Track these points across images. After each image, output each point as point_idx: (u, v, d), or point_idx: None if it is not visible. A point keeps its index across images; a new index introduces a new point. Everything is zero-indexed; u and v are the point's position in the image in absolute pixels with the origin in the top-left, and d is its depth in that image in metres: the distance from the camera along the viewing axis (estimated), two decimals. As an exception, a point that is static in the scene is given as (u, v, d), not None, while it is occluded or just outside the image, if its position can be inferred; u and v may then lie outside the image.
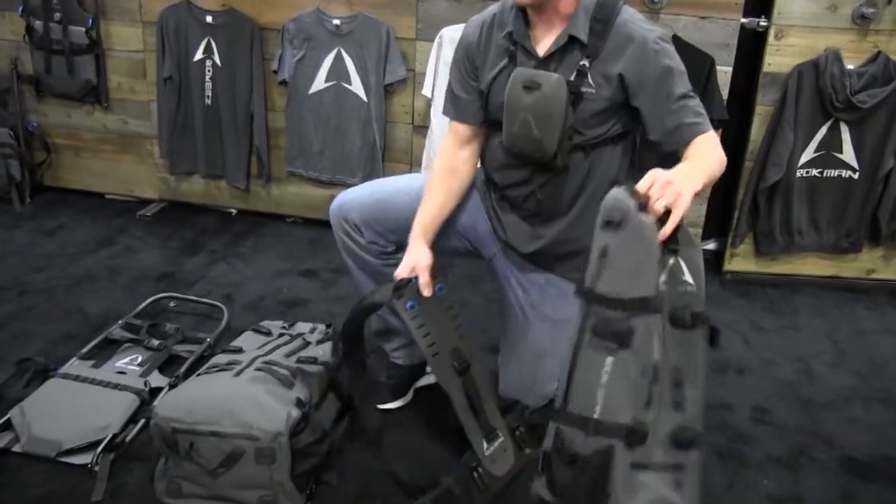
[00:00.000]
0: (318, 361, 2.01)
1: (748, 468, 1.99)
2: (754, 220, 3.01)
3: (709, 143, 1.73)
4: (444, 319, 1.80)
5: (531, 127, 1.77)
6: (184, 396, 1.81)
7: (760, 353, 2.59)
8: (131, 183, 3.60)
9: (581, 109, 1.77)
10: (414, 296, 1.76)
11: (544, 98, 1.74)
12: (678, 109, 1.74)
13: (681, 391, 1.40)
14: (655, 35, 1.75)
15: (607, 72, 1.75)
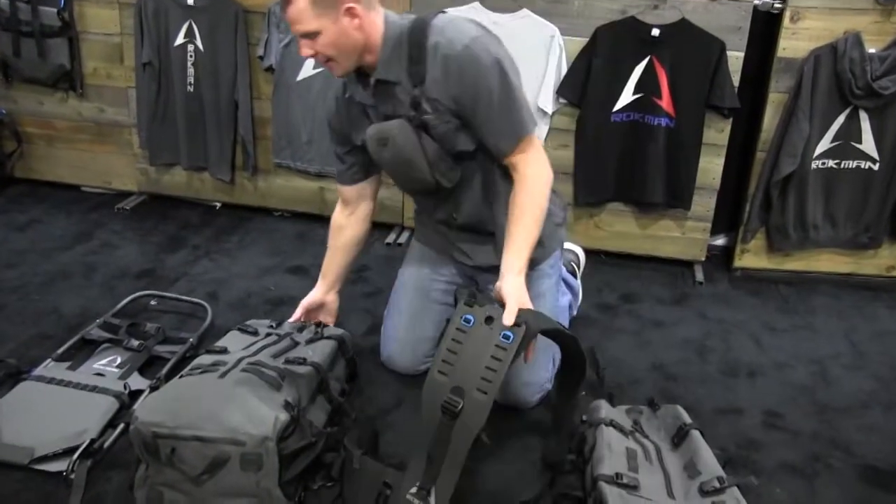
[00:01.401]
0: (307, 362, 2.00)
1: (760, 476, 1.98)
2: (766, 214, 3.01)
3: (528, 183, 1.91)
4: (480, 357, 1.68)
5: (405, 173, 1.99)
6: (165, 399, 1.79)
7: (773, 354, 2.60)
8: (109, 174, 3.59)
9: (435, 134, 1.92)
10: (475, 314, 1.72)
11: (397, 149, 1.93)
12: (493, 122, 1.89)
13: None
14: (461, 46, 1.83)
15: (432, 96, 1.88)
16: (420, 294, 2.27)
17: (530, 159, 1.92)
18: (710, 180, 3.01)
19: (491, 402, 1.64)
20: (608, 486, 1.67)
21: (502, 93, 1.85)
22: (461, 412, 1.64)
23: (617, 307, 2.87)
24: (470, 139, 1.94)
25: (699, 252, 3.15)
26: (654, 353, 2.56)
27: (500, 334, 1.66)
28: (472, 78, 1.83)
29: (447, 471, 1.67)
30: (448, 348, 1.69)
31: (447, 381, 1.67)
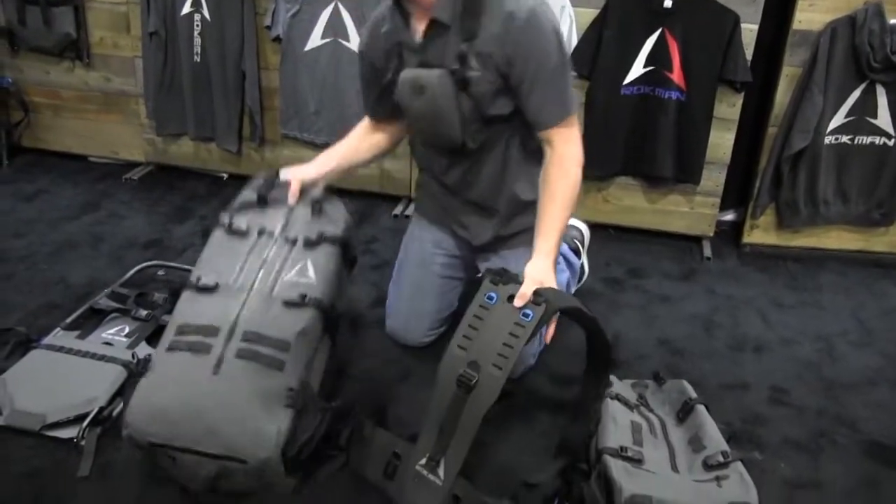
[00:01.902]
0: (307, 300, 1.79)
1: (764, 451, 2.01)
2: (777, 189, 3.01)
3: (561, 165, 1.92)
4: (499, 333, 1.70)
5: (432, 125, 1.95)
6: (157, 404, 1.67)
7: (780, 331, 2.61)
8: (116, 144, 3.60)
9: (474, 93, 1.89)
10: (499, 292, 1.75)
11: (432, 99, 1.90)
12: (542, 90, 1.87)
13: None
14: (527, 7, 1.81)
15: (484, 52, 1.85)
16: (421, 268, 2.28)
17: (568, 137, 1.92)
18: (720, 155, 3.01)
19: (504, 378, 1.66)
20: (613, 459, 1.69)
21: (559, 64, 1.86)
22: (475, 386, 1.67)
23: (624, 282, 2.88)
24: (508, 103, 1.92)
25: (708, 227, 3.15)
26: (660, 328, 2.58)
27: (521, 313, 1.69)
28: (533, 41, 1.82)
29: (457, 443, 1.70)
30: (469, 324, 1.73)
31: (465, 356, 1.71)
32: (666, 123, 2.93)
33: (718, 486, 1.65)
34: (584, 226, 2.76)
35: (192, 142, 3.47)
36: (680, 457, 1.80)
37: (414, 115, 1.99)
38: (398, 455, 1.79)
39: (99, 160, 3.66)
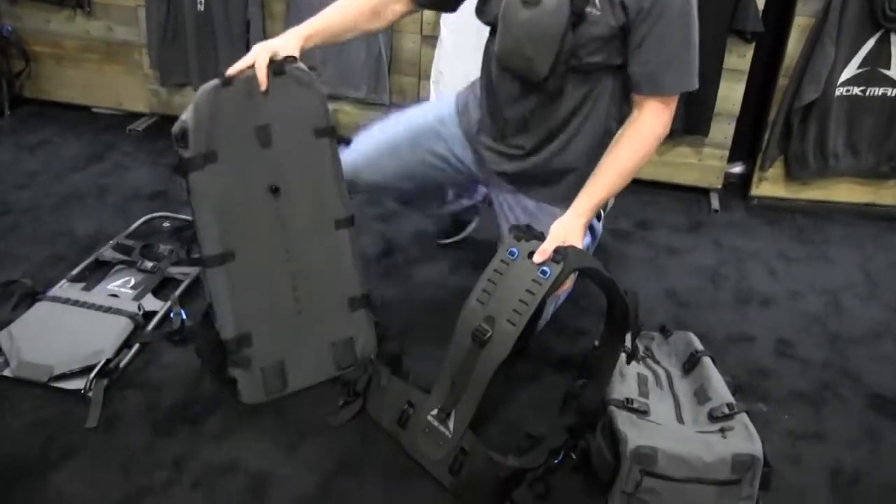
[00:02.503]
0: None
1: (769, 403, 2.01)
2: (786, 142, 2.97)
3: (640, 137, 1.82)
4: (516, 289, 1.68)
5: (524, 45, 1.78)
6: None
7: (786, 283, 2.60)
8: (119, 95, 3.57)
9: (581, 33, 1.74)
10: (521, 246, 1.72)
11: (542, 16, 1.72)
12: (664, 51, 1.74)
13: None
14: None
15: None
16: (412, 137, 2.13)
17: (662, 111, 1.81)
18: (729, 107, 2.97)
19: (517, 334, 1.65)
20: (618, 411, 1.70)
21: (689, 29, 1.75)
22: (488, 340, 1.68)
23: (631, 234, 2.87)
24: (612, 55, 1.78)
25: (716, 179, 3.13)
26: (667, 281, 2.57)
27: (539, 269, 1.67)
28: (664, 5, 1.70)
29: (468, 397, 1.71)
30: (489, 278, 1.72)
31: (482, 310, 1.71)
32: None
33: (723, 437, 1.66)
34: None
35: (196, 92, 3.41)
36: (685, 408, 1.81)
37: (510, 26, 1.78)
38: (412, 404, 1.81)
39: (102, 111, 3.63)
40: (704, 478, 1.60)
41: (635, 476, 1.61)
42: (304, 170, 1.93)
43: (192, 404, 1.91)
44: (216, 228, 1.84)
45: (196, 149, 1.80)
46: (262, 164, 1.87)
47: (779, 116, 2.93)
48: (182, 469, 1.73)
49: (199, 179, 1.81)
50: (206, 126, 1.79)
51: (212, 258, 1.85)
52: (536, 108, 1.90)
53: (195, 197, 1.83)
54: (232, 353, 1.88)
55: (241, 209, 1.87)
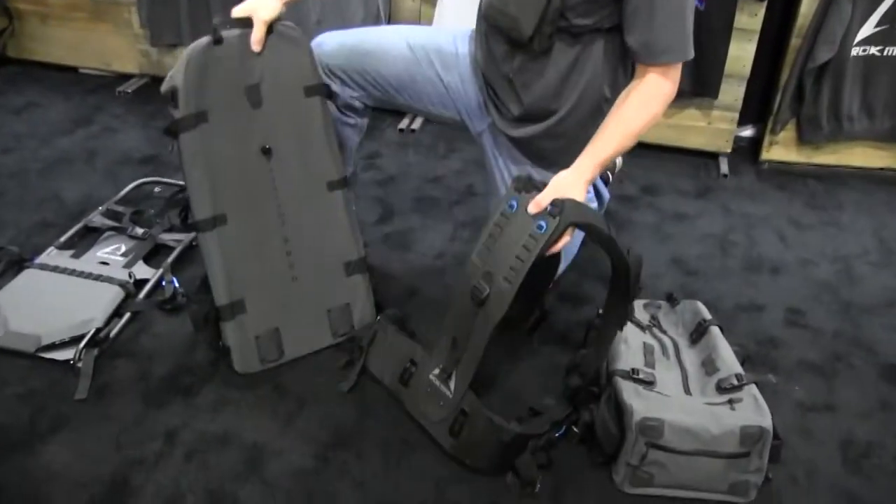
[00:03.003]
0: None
1: (778, 374, 2.00)
2: (798, 104, 2.94)
3: (645, 97, 1.76)
4: (512, 245, 1.65)
5: (508, 3, 1.78)
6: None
7: (798, 251, 2.58)
8: (108, 55, 3.52)
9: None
10: (520, 198, 1.68)
11: None
12: (655, 23, 1.70)
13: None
14: None
15: None
16: (432, 49, 2.05)
17: (667, 73, 1.76)
18: (739, 68, 2.93)
19: (514, 292, 1.62)
20: (624, 381, 1.69)
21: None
22: (486, 299, 1.66)
23: (637, 199, 2.84)
24: (602, 18, 1.75)
25: (725, 143, 3.10)
26: (674, 248, 2.55)
27: (535, 224, 1.63)
28: None
29: (468, 356, 1.70)
30: (490, 233, 1.70)
31: (481, 267, 1.69)
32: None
33: (732, 408, 1.65)
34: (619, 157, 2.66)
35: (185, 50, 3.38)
36: (692, 379, 1.79)
37: None
38: (415, 363, 1.80)
39: (90, 72, 3.58)
40: (712, 450, 1.59)
41: (641, 448, 1.60)
42: (296, 130, 1.91)
43: (185, 374, 1.90)
44: (207, 191, 1.82)
45: (186, 108, 1.77)
46: (253, 125, 1.85)
47: (791, 78, 2.89)
48: (175, 441, 1.72)
49: (189, 140, 1.79)
50: (196, 85, 1.77)
51: (204, 222, 1.83)
52: (522, 69, 1.88)
53: (186, 159, 1.80)
54: (225, 320, 1.87)
55: (232, 171, 1.85)
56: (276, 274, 1.93)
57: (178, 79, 1.77)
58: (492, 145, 2.09)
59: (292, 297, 1.94)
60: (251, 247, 1.89)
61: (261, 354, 1.91)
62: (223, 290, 1.86)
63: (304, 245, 1.95)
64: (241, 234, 1.87)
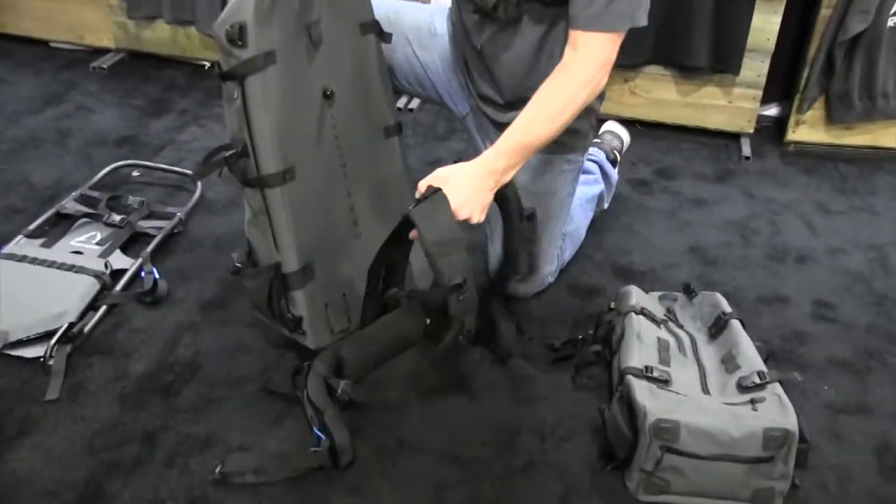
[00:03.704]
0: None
1: (805, 372, 1.99)
2: (828, 80, 2.93)
3: (571, 75, 1.74)
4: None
5: None
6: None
7: (826, 239, 2.58)
8: (81, 28, 3.51)
9: None
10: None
11: None
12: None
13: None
14: None
15: None
16: (408, 27, 2.09)
17: (595, 51, 1.74)
18: (763, 41, 2.91)
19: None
20: (636, 380, 1.68)
21: None
22: None
23: (652, 183, 2.84)
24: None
25: (747, 123, 3.09)
26: (692, 235, 2.55)
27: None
28: None
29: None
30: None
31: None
32: (702, 4, 2.83)
33: (753, 409, 1.65)
34: (625, 132, 2.67)
35: (168, 25, 3.38)
36: (711, 377, 1.79)
37: None
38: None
39: (62, 46, 3.58)
40: (732, 455, 1.58)
41: (655, 452, 1.59)
42: (354, 71, 1.88)
43: (165, 372, 1.90)
44: (277, 142, 1.75)
45: (257, 47, 1.69)
46: (314, 66, 1.81)
47: (820, 51, 2.88)
48: (154, 445, 1.72)
49: (258, 84, 1.71)
50: (265, 21, 1.69)
51: (272, 177, 1.76)
52: (491, 41, 1.90)
53: (253, 106, 1.72)
54: (295, 289, 1.83)
55: (298, 119, 1.80)
56: (342, 233, 1.89)
57: (247, 13, 1.67)
58: (477, 128, 2.12)
59: (356, 258, 1.90)
60: (318, 203, 1.84)
61: (330, 325, 1.88)
62: (293, 254, 1.81)
63: (367, 199, 1.92)
64: (308, 190, 1.82)
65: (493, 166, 1.69)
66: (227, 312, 2.09)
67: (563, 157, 2.04)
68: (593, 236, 2.39)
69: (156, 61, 3.48)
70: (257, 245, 1.86)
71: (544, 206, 2.02)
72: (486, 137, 2.07)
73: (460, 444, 1.76)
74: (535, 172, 2.01)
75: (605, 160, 2.46)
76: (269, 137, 1.74)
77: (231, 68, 1.70)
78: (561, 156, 2.03)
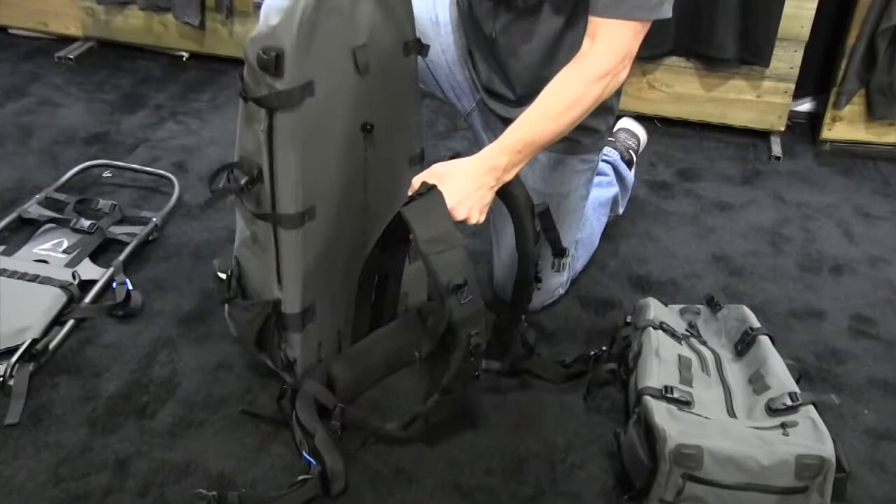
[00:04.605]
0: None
1: (843, 394, 2.00)
2: (868, 72, 2.94)
3: (586, 67, 1.73)
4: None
5: None
6: None
7: (866, 247, 2.59)
8: (45, 14, 3.53)
9: None
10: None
11: None
12: None
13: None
14: None
15: None
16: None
17: (617, 41, 1.73)
18: (797, 29, 2.93)
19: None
20: (655, 402, 1.69)
21: None
22: None
23: (673, 186, 2.85)
24: None
25: (778, 120, 3.10)
26: (716, 243, 2.56)
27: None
28: None
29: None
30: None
31: None
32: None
33: (785, 434, 1.65)
34: (642, 130, 2.69)
35: (142, 12, 3.40)
36: (738, 399, 1.80)
37: None
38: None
39: (24, 33, 3.60)
40: (762, 484, 1.59)
41: (676, 481, 1.60)
42: (394, 98, 1.84)
43: (139, 393, 1.91)
44: (300, 181, 1.69)
45: (293, 79, 1.60)
46: (359, 97, 1.75)
47: (860, 40, 2.89)
48: (127, 473, 1.72)
49: (289, 120, 1.64)
50: (306, 48, 1.60)
51: (290, 218, 1.71)
52: (507, 30, 1.90)
53: (280, 141, 1.65)
54: (293, 331, 1.83)
55: (330, 155, 1.76)
56: (350, 270, 1.87)
57: (287, 39, 1.57)
58: (483, 125, 2.14)
59: (354, 293, 1.91)
60: (332, 242, 1.82)
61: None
62: (297, 296, 1.79)
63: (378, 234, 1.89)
64: (325, 229, 1.79)
65: (494, 163, 1.68)
66: (208, 327, 2.10)
67: (577, 156, 2.05)
68: (608, 243, 2.39)
69: (128, 51, 3.50)
70: (251, 272, 1.86)
71: (555, 210, 2.03)
72: (493, 135, 2.06)
73: (462, 471, 1.76)
74: (547, 173, 2.03)
75: (619, 160, 2.47)
76: (294, 177, 1.68)
77: (261, 97, 1.62)
78: (575, 156, 2.04)
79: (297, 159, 1.67)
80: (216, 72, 3.39)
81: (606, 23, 1.72)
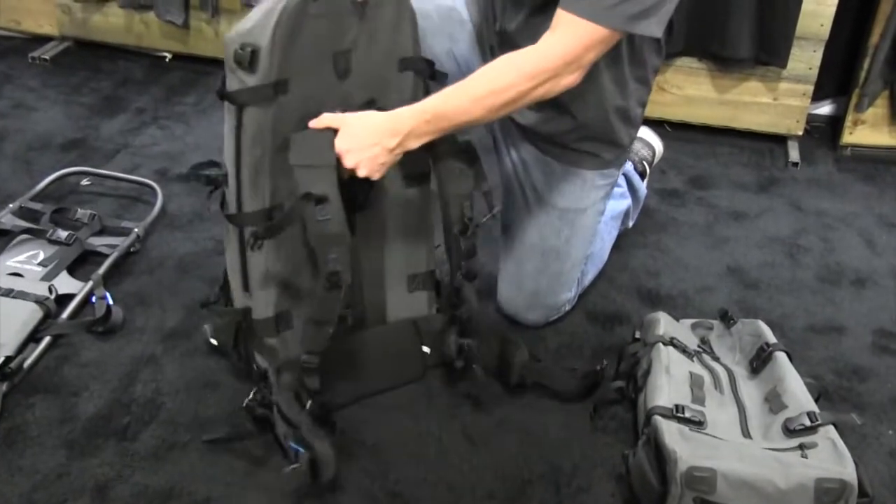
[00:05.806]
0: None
1: (865, 413, 2.00)
2: (892, 72, 2.95)
3: (529, 60, 1.72)
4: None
5: None
6: None
7: (889, 258, 2.59)
8: (17, 11, 3.54)
9: None
10: None
11: None
12: None
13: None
14: None
15: None
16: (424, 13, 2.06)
17: (564, 42, 1.71)
18: (816, 27, 2.94)
19: None
20: (665, 422, 1.69)
21: None
22: None
23: (685, 194, 2.86)
24: None
25: (796, 124, 3.12)
26: (730, 254, 2.57)
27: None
28: None
29: None
30: None
31: None
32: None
33: (803, 456, 1.66)
34: (658, 141, 2.68)
35: (122, 10, 3.41)
36: (753, 418, 1.81)
37: None
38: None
39: (-3, 34, 3.62)
40: (779, 508, 1.59)
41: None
42: (377, 105, 1.87)
43: (121, 414, 1.91)
44: (268, 179, 1.76)
45: (267, 76, 1.69)
46: (332, 98, 1.81)
47: (884, 38, 2.90)
48: (106, 498, 1.72)
49: (257, 116, 1.72)
50: (283, 48, 1.68)
51: (253, 215, 1.79)
52: (522, 28, 1.90)
53: (246, 138, 1.74)
54: (267, 337, 1.87)
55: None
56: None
57: (262, 37, 1.67)
58: (500, 128, 2.13)
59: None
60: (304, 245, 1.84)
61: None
62: (266, 302, 1.84)
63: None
64: (296, 231, 1.81)
65: (398, 125, 1.72)
66: (192, 344, 2.09)
67: (598, 171, 2.06)
68: (616, 255, 2.40)
69: (107, 52, 3.51)
70: (231, 278, 1.89)
71: (570, 225, 2.05)
72: (512, 141, 2.10)
73: (463, 496, 1.76)
74: (564, 186, 2.03)
75: (633, 171, 2.48)
76: (258, 174, 1.76)
77: (232, 91, 1.72)
78: (596, 171, 2.05)
79: (263, 157, 1.74)
80: (201, 73, 3.40)
81: (566, 17, 1.70)
